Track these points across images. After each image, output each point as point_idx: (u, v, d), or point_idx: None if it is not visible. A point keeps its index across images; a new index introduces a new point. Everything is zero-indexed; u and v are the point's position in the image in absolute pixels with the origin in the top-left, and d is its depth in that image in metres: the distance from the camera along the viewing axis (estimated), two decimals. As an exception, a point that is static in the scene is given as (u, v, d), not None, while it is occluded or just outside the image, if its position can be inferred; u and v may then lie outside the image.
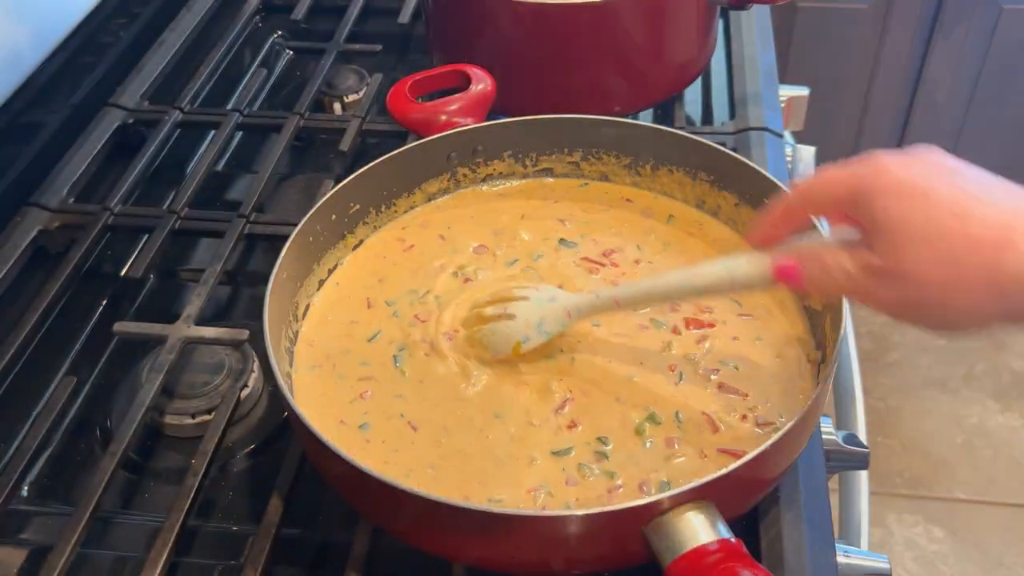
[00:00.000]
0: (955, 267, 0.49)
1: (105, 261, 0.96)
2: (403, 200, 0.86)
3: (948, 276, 0.49)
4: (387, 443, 0.68)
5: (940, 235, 0.49)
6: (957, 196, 0.50)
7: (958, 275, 0.49)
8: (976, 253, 0.48)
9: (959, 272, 0.49)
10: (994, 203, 0.49)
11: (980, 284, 0.49)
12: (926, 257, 0.50)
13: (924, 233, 0.49)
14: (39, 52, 1.04)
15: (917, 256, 0.50)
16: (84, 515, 0.67)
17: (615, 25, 0.96)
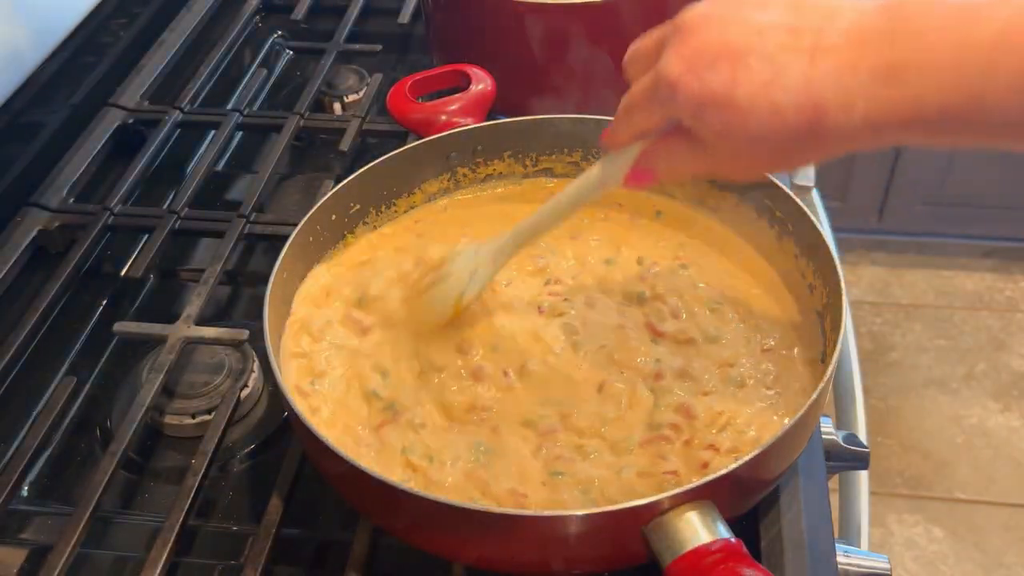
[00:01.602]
0: (784, 150, 0.53)
1: (105, 261, 0.96)
2: (403, 200, 0.86)
3: (781, 154, 0.54)
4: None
5: (762, 134, 0.52)
6: (759, 91, 0.51)
7: (788, 152, 0.53)
8: (798, 137, 0.51)
9: (788, 151, 0.53)
10: (794, 81, 0.50)
11: (808, 150, 0.53)
12: (757, 151, 0.54)
13: (747, 137, 0.52)
14: (39, 52, 1.03)
15: (750, 152, 0.54)
16: (84, 515, 0.67)
17: (615, 25, 0.96)
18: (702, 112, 0.53)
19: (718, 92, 0.52)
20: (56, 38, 1.06)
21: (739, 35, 0.52)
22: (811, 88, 0.50)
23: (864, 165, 2.36)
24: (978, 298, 2.45)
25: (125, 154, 1.03)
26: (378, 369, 0.71)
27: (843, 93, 0.49)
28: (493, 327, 0.72)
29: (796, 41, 0.50)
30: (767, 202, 0.78)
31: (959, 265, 2.52)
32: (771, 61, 0.51)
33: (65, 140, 1.04)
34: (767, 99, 0.50)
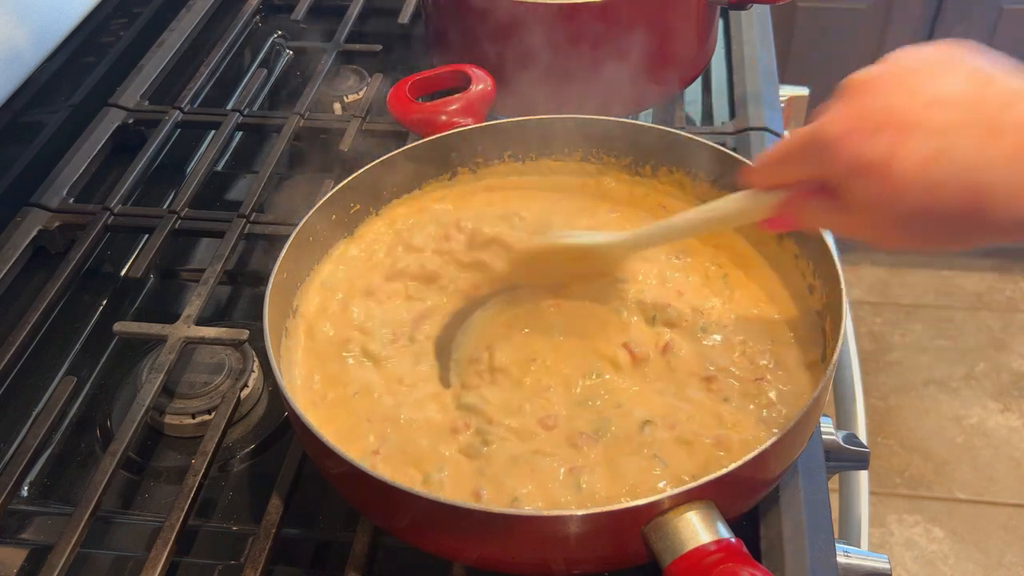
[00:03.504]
0: (937, 230, 0.50)
1: (105, 261, 0.96)
2: (403, 200, 0.86)
3: (932, 234, 0.51)
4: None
5: (914, 211, 0.49)
6: (918, 167, 0.48)
7: (940, 234, 0.51)
8: (955, 219, 0.49)
9: (941, 232, 0.51)
10: (962, 159, 0.47)
11: (963, 237, 0.51)
12: (908, 226, 0.51)
13: (898, 212, 0.50)
14: (39, 52, 1.03)
15: (900, 225, 0.51)
16: (84, 515, 0.67)
17: (615, 25, 0.96)
18: (854, 178, 0.51)
19: (874, 161, 0.49)
20: (56, 38, 1.06)
21: (908, 104, 0.49)
22: (979, 169, 0.46)
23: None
24: (978, 298, 2.45)
25: (125, 154, 1.03)
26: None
27: (1015, 178, 0.45)
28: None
29: (973, 116, 0.47)
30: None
31: (959, 265, 2.52)
32: (939, 136, 0.47)
33: (65, 140, 1.04)
34: (926, 176, 0.47)
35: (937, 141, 0.47)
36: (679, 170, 0.84)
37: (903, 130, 0.48)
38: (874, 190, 0.50)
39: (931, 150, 0.47)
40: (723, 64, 1.16)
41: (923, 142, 0.47)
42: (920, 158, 0.47)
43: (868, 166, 0.49)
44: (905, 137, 0.48)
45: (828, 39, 2.19)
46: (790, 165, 0.57)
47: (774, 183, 0.60)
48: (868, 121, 0.50)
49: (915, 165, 0.47)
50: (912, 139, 0.48)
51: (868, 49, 2.20)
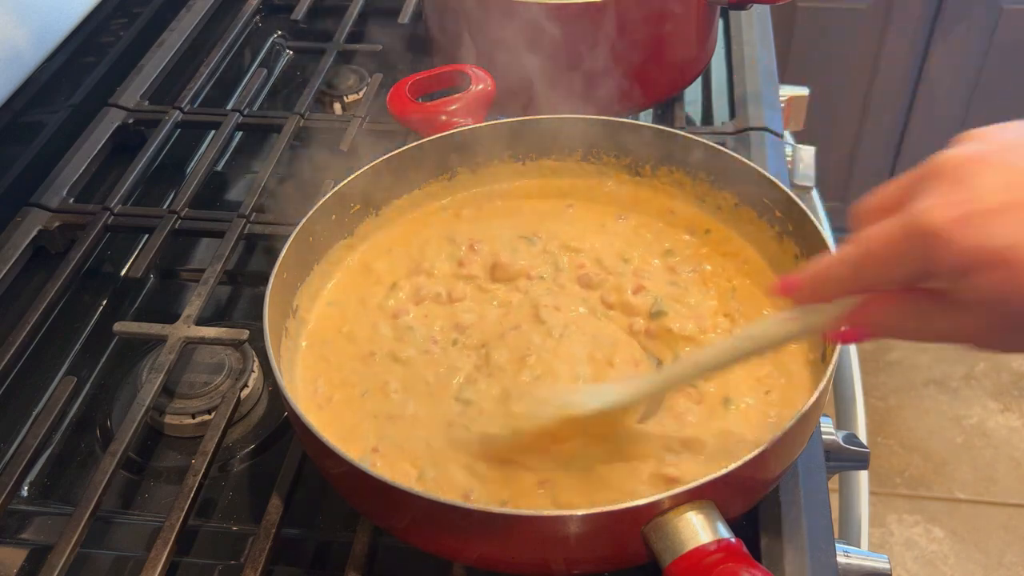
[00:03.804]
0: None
1: (105, 261, 0.96)
2: (403, 200, 0.86)
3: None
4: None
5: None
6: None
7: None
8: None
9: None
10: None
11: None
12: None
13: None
14: (39, 52, 1.03)
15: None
16: (84, 515, 0.67)
17: (615, 25, 0.96)
18: (973, 273, 0.43)
19: (999, 249, 0.42)
20: (56, 38, 1.06)
21: (1022, 183, 0.43)
22: None
23: (864, 165, 2.36)
24: (978, 298, 2.45)
25: (125, 154, 1.03)
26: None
27: None
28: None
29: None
30: (767, 202, 0.78)
31: (959, 265, 2.52)
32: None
33: (65, 140, 1.04)
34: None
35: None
36: (679, 170, 0.84)
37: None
38: (999, 285, 0.43)
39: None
40: (723, 64, 1.16)
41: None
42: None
43: (994, 256, 0.43)
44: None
45: (828, 39, 2.19)
46: (875, 267, 0.48)
47: (849, 291, 0.51)
48: (982, 206, 0.43)
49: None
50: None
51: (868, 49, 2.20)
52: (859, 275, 0.49)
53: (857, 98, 2.28)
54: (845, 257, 0.49)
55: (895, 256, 0.47)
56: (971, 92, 2.23)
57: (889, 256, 0.47)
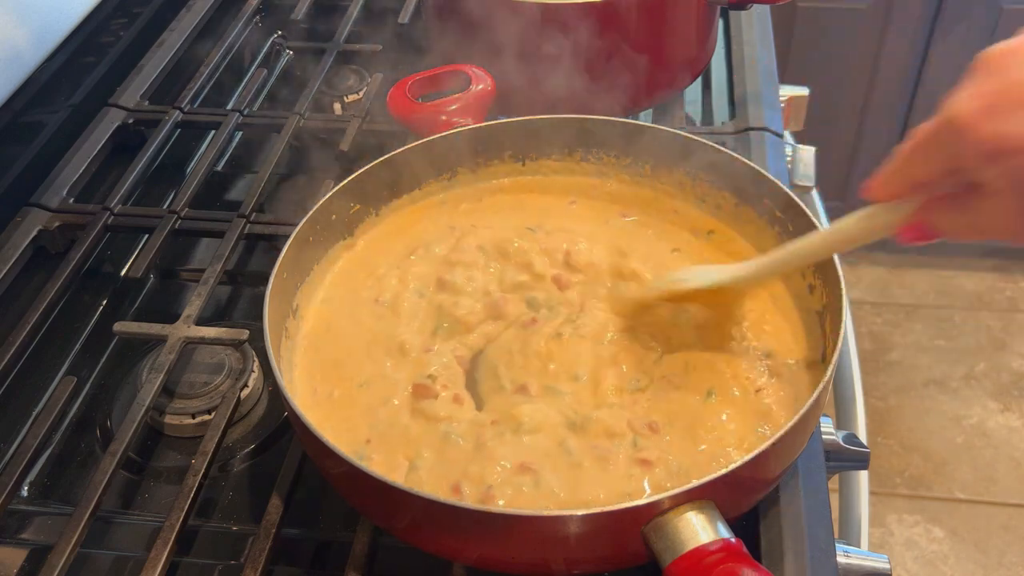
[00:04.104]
0: None
1: (105, 261, 0.96)
2: (403, 200, 0.86)
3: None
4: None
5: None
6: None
7: None
8: None
9: None
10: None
11: None
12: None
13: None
14: (39, 52, 1.03)
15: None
16: (84, 515, 0.67)
17: (615, 25, 0.96)
18: (997, 160, 0.46)
19: (1018, 136, 0.44)
20: (56, 38, 1.06)
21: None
22: None
23: (864, 165, 2.36)
24: (978, 298, 2.45)
25: (125, 154, 1.03)
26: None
27: None
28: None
29: None
30: (767, 202, 0.78)
31: (959, 265, 2.52)
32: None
33: (65, 140, 1.04)
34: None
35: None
36: (679, 170, 0.84)
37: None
38: (1020, 172, 0.45)
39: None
40: (723, 64, 1.16)
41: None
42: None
43: (1012, 144, 0.45)
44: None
45: (828, 39, 2.19)
46: (919, 162, 0.51)
47: (903, 189, 0.54)
48: (1007, 97, 0.45)
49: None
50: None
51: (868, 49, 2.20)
52: (909, 168, 0.52)
53: (857, 98, 2.28)
54: (899, 152, 0.52)
55: (933, 146, 0.49)
56: (971, 92, 2.23)
57: (928, 147, 0.50)
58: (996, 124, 0.45)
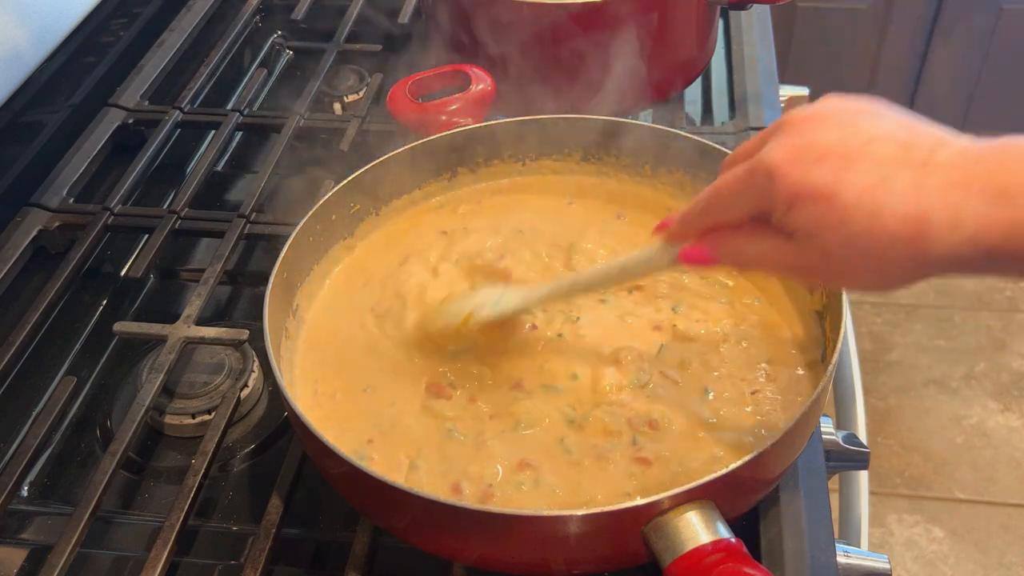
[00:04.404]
0: (880, 260, 0.50)
1: (105, 261, 0.96)
2: (403, 200, 0.86)
3: (875, 266, 0.51)
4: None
5: (859, 234, 0.50)
6: (864, 193, 0.49)
7: (884, 265, 0.50)
8: (898, 246, 0.49)
9: (885, 263, 0.50)
10: (901, 190, 0.49)
11: (906, 268, 0.50)
12: (851, 255, 0.51)
13: (844, 236, 0.50)
14: (39, 52, 1.04)
15: (843, 255, 0.51)
16: (84, 515, 0.67)
17: (615, 25, 0.96)
18: (800, 205, 0.51)
19: (819, 186, 0.50)
20: (56, 38, 1.06)
21: (850, 139, 0.51)
22: (919, 199, 0.48)
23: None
24: (978, 298, 2.45)
25: (125, 154, 1.03)
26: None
27: (951, 209, 0.47)
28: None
29: (907, 155, 0.50)
30: (767, 202, 0.78)
31: (959, 265, 2.52)
32: (880, 167, 0.49)
33: (65, 140, 1.04)
34: (871, 201, 0.49)
35: (879, 171, 0.49)
36: (679, 170, 0.84)
37: (846, 160, 0.50)
38: (821, 215, 0.50)
39: (874, 178, 0.49)
40: (723, 64, 1.16)
41: (866, 171, 0.50)
42: (864, 185, 0.49)
43: (815, 191, 0.50)
44: (849, 166, 0.50)
45: (828, 39, 2.19)
46: (724, 203, 0.56)
47: (702, 231, 0.59)
48: (813, 152, 0.51)
49: (860, 190, 0.49)
50: (855, 168, 0.50)
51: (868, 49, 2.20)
52: (710, 209, 0.58)
53: (857, 98, 2.28)
54: (702, 197, 0.58)
55: (741, 190, 0.55)
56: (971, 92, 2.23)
57: (736, 191, 0.55)
58: (800, 172, 0.51)
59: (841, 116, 0.53)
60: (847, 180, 0.50)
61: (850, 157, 0.50)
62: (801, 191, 0.51)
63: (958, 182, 0.48)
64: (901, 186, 0.49)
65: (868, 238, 0.49)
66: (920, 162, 0.49)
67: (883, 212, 0.49)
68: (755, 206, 0.54)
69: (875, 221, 0.49)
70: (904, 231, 0.48)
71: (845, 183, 0.50)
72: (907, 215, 0.48)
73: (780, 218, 0.53)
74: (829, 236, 0.51)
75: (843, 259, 0.51)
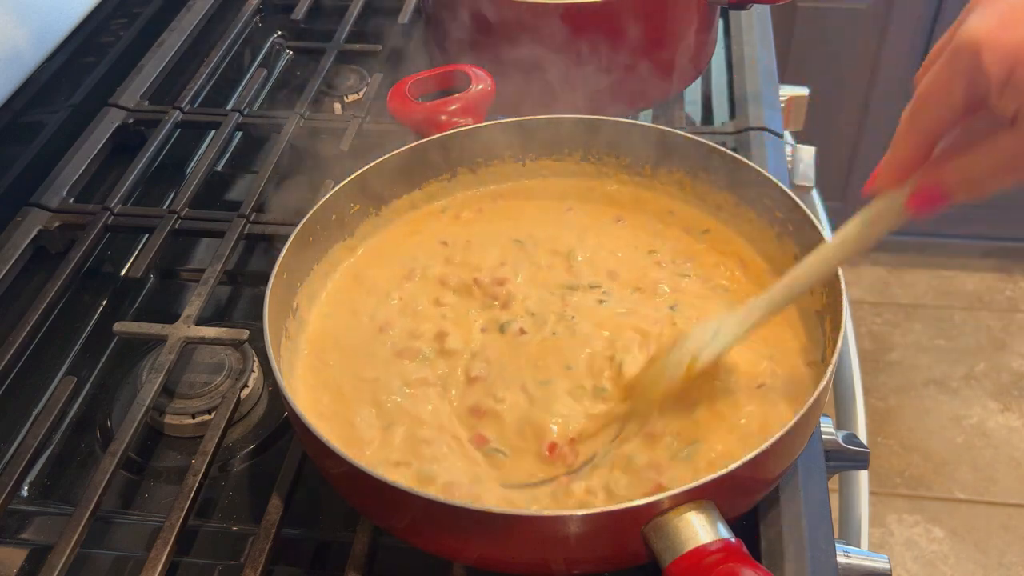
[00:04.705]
0: None
1: (105, 261, 0.96)
2: (403, 200, 0.86)
3: None
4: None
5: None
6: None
7: None
8: None
9: None
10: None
11: None
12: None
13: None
14: (39, 52, 1.04)
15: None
16: (84, 515, 0.67)
17: (615, 25, 0.96)
18: (1019, 70, 0.45)
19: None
20: (56, 38, 1.06)
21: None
22: None
23: (864, 165, 2.36)
24: (978, 298, 2.45)
25: (125, 154, 1.03)
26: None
27: None
28: None
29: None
30: (767, 202, 0.78)
31: (959, 265, 2.52)
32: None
33: (65, 140, 1.04)
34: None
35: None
36: (679, 170, 0.84)
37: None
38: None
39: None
40: (723, 64, 1.16)
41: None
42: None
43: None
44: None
45: (828, 39, 2.19)
46: (936, 100, 0.49)
47: (913, 152, 0.51)
48: (1017, 13, 0.46)
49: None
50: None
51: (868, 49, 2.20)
52: (918, 121, 0.50)
53: (857, 98, 2.28)
54: (904, 116, 0.51)
55: (947, 81, 0.48)
56: (971, 92, 2.23)
57: (941, 85, 0.48)
58: (1010, 34, 0.46)
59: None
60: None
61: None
62: (1018, 54, 0.45)
63: None
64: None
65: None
66: None
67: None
68: (968, 94, 0.48)
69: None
70: None
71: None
72: None
73: (998, 98, 0.47)
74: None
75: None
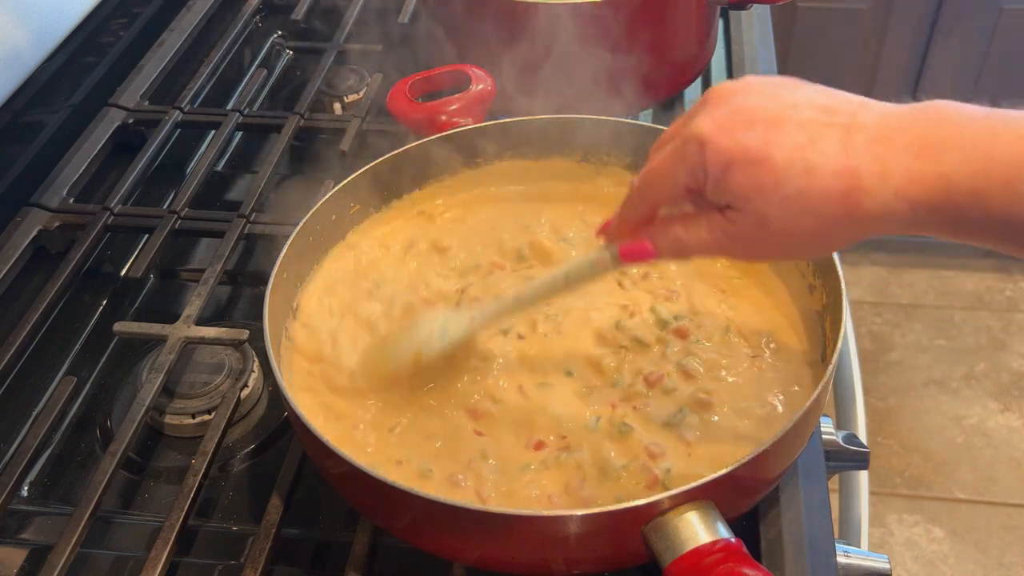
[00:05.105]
0: (817, 218, 0.51)
1: (105, 261, 0.96)
2: (404, 200, 0.86)
3: (812, 226, 0.51)
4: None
5: (794, 194, 0.50)
6: (794, 152, 0.50)
7: (821, 224, 0.51)
8: (832, 202, 0.50)
9: (821, 222, 0.51)
10: (830, 148, 0.50)
11: (842, 225, 0.51)
12: (788, 216, 0.51)
13: (779, 197, 0.51)
14: (39, 52, 1.04)
15: (779, 218, 0.51)
16: (84, 515, 0.67)
17: (615, 25, 0.96)
18: (732, 169, 0.51)
19: (751, 149, 0.51)
20: (56, 38, 1.06)
21: (774, 105, 0.52)
22: (848, 155, 0.49)
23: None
24: (978, 298, 2.45)
25: (125, 154, 1.03)
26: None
27: (879, 162, 0.49)
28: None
29: (831, 117, 0.51)
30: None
31: (959, 265, 2.52)
32: (807, 129, 0.50)
33: (65, 140, 1.04)
34: (803, 159, 0.50)
35: (806, 132, 0.51)
36: (679, 170, 0.84)
37: (774, 124, 0.51)
38: (755, 178, 0.51)
39: (803, 139, 0.50)
40: (723, 64, 1.16)
41: (794, 133, 0.51)
42: (794, 144, 0.50)
43: (747, 154, 0.51)
44: (777, 129, 0.51)
45: (828, 39, 2.19)
46: (661, 180, 0.56)
47: (640, 216, 0.58)
48: (740, 118, 0.52)
49: (791, 150, 0.50)
50: (783, 131, 0.51)
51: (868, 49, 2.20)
52: (645, 194, 0.57)
53: (857, 98, 2.27)
54: (635, 184, 0.58)
55: (673, 166, 0.54)
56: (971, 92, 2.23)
57: (668, 168, 0.55)
58: (730, 137, 0.51)
59: (761, 87, 0.54)
60: (777, 142, 0.51)
61: (777, 121, 0.51)
62: (733, 155, 0.51)
63: (883, 137, 0.49)
64: (830, 144, 0.50)
65: (803, 197, 0.50)
66: (845, 123, 0.50)
67: (816, 169, 0.50)
68: (689, 181, 0.54)
69: (809, 178, 0.50)
70: (837, 186, 0.49)
71: (776, 144, 0.51)
72: (839, 170, 0.49)
73: (714, 188, 0.53)
74: (765, 199, 0.51)
75: (780, 222, 0.52)
